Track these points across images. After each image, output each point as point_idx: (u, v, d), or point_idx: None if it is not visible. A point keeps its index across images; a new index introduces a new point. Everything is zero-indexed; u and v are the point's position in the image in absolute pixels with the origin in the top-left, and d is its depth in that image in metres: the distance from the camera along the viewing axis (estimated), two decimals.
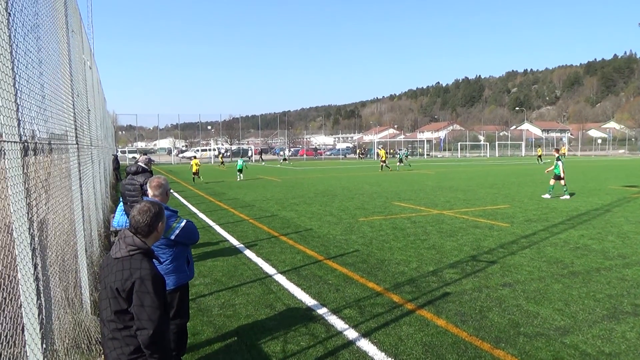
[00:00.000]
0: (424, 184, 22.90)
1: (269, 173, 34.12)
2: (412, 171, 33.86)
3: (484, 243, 9.07)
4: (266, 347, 4.59)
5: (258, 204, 15.54)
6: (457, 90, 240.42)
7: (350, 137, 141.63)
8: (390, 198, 16.75)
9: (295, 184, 24.02)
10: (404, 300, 5.85)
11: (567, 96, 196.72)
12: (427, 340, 4.68)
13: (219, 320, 5.30)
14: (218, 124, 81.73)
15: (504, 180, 24.53)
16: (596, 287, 6.30)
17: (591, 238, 9.38)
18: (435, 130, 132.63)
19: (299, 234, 10.27)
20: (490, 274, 6.95)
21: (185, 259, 4.00)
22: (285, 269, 7.38)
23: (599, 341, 4.62)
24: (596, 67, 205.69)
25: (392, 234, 10.05)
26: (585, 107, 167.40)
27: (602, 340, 4.63)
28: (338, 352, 4.47)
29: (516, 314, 5.34)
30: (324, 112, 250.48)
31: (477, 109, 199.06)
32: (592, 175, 27.36)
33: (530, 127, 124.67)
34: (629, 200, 15.31)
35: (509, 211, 13.15)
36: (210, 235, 10.34)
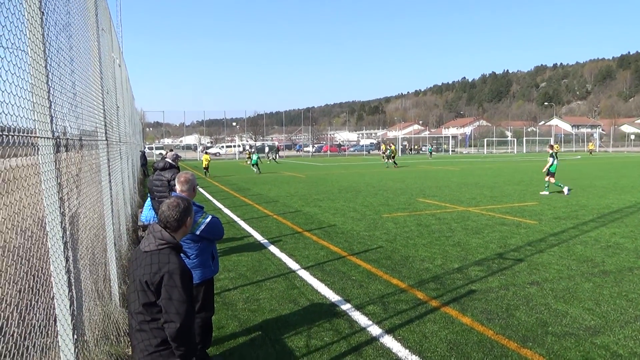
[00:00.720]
0: (449, 180, 22.62)
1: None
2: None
3: (511, 240, 8.91)
4: (290, 341, 4.62)
5: (282, 200, 15.63)
6: (484, 85, 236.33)
7: (374, 133, 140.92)
8: (414, 194, 16.61)
9: (319, 180, 24.05)
10: (429, 297, 5.80)
11: (599, 90, 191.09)
12: (452, 338, 4.63)
13: (244, 315, 5.36)
14: (243, 121, 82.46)
15: (531, 177, 24.02)
16: (629, 286, 6.13)
17: (623, 236, 9.11)
18: (461, 126, 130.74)
19: (323, 229, 10.29)
20: (517, 272, 6.83)
21: (211, 254, 4.05)
22: (309, 265, 7.41)
23: (632, 342, 4.49)
24: (630, 60, 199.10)
25: (416, 231, 9.97)
26: (617, 102, 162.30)
27: (634, 341, 4.50)
28: (361, 348, 4.46)
29: (544, 313, 5.24)
30: (347, 108, 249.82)
31: (504, 105, 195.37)
32: (625, 172, 26.55)
33: (559, 122, 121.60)
34: None
35: (536, 208, 12.88)
36: (235, 230, 10.45)
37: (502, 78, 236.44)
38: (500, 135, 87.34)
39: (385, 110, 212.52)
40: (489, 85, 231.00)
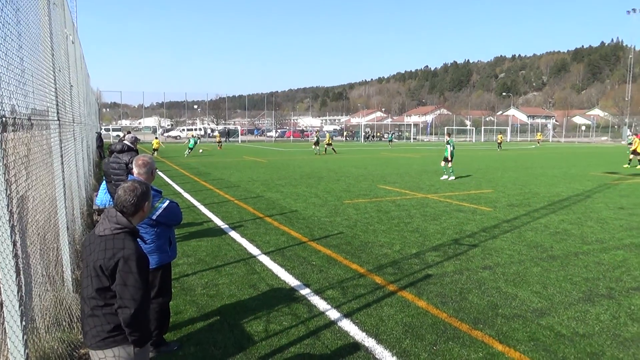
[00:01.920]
0: (410, 167, 23.03)
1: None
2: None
3: (467, 227, 9.19)
4: (248, 326, 4.64)
5: (243, 185, 15.50)
6: (446, 74, 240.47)
7: (337, 119, 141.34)
8: (375, 181, 16.83)
9: (281, 165, 23.97)
10: (386, 282, 5.92)
11: (554, 82, 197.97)
12: (407, 321, 4.76)
13: (202, 300, 5.32)
14: (204, 104, 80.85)
15: (488, 165, 24.77)
16: (573, 270, 6.45)
17: (571, 223, 9.56)
18: (423, 114, 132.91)
19: (284, 215, 10.30)
20: (471, 257, 7.07)
21: (168, 239, 3.99)
22: (269, 250, 7.41)
23: (574, 322, 4.75)
24: (583, 53, 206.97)
25: (376, 217, 10.13)
26: (570, 94, 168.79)
27: (576, 322, 4.77)
28: (320, 331, 4.53)
29: (495, 296, 5.46)
30: (311, 93, 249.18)
31: (464, 94, 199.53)
32: (575, 161, 27.77)
33: (516, 112, 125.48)
34: (609, 186, 15.60)
35: (492, 196, 13.32)
36: (195, 215, 10.31)
37: (463, 68, 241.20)
38: (460, 124, 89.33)
39: (349, 97, 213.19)
40: (451, 75, 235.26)
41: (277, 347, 4.21)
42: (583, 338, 4.41)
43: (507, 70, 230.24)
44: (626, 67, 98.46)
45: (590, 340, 4.38)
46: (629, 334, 4.50)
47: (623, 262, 6.88)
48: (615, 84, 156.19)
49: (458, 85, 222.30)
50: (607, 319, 4.84)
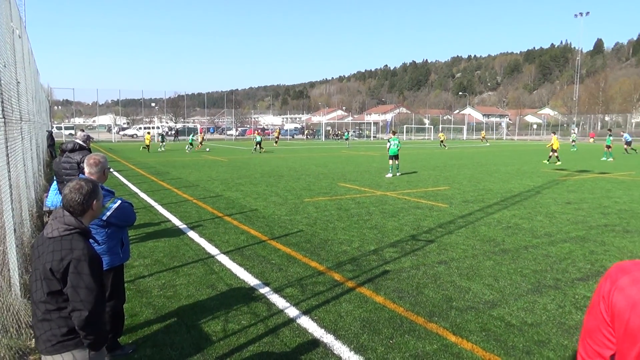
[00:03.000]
0: (370, 165, 23.32)
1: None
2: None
3: (424, 223, 9.41)
4: (206, 326, 4.60)
5: (202, 184, 15.29)
6: (405, 73, 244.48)
7: (298, 117, 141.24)
8: (336, 179, 16.96)
9: (241, 164, 23.77)
10: (345, 279, 6.00)
11: (507, 82, 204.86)
12: (365, 316, 4.85)
13: (159, 301, 5.23)
14: (162, 101, 78.98)
15: (445, 162, 25.41)
16: (523, 263, 6.73)
17: (522, 218, 9.96)
18: (383, 112, 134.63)
19: (244, 214, 10.23)
20: (428, 252, 7.25)
21: (120, 241, 3.90)
22: (228, 249, 7.35)
23: (523, 313, 4.97)
24: (534, 55, 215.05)
25: (336, 215, 10.22)
26: (523, 94, 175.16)
27: (525, 312, 4.98)
28: (279, 329, 4.55)
29: (450, 290, 5.63)
30: (272, 91, 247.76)
31: (423, 93, 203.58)
32: (527, 158, 28.88)
33: (472, 111, 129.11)
34: (558, 182, 16.32)
35: (448, 192, 13.68)
36: (152, 215, 10.10)
37: (422, 67, 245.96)
38: (419, 123, 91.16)
39: (309, 95, 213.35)
40: (410, 74, 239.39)
41: (235, 347, 4.20)
42: (531, 327, 4.62)
43: (463, 70, 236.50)
44: (574, 69, 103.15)
45: (537, 329, 4.59)
46: (573, 322, 4.75)
47: (569, 254, 7.23)
48: (564, 85, 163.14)
49: (417, 84, 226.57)
50: (553, 309, 5.09)
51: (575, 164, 24.46)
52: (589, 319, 1.50)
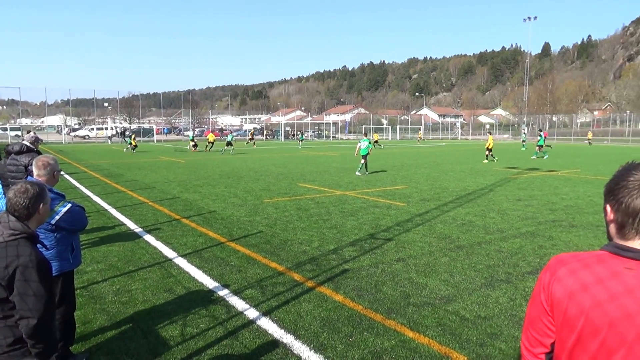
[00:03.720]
0: (329, 165, 23.46)
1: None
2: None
3: (382, 222, 9.56)
4: (164, 331, 4.51)
5: (159, 186, 14.94)
6: (363, 74, 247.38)
7: (257, 118, 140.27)
8: (295, 179, 16.96)
9: (199, 165, 23.38)
10: (305, 279, 6.02)
11: (462, 84, 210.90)
12: (325, 315, 4.88)
13: (113, 307, 5.08)
14: (116, 101, 76.59)
15: (402, 162, 25.88)
16: (477, 259, 6.96)
17: (475, 215, 10.28)
18: (342, 113, 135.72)
19: (202, 216, 10.08)
20: (386, 251, 7.37)
21: (70, 246, 3.76)
22: (186, 252, 7.23)
23: (477, 307, 5.14)
24: (487, 57, 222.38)
25: (296, 215, 10.22)
26: (476, 95, 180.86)
27: (479, 306, 5.16)
28: (238, 331, 4.51)
29: (407, 286, 5.75)
30: (230, 91, 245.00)
31: (381, 93, 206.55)
32: (481, 157, 29.80)
33: (428, 112, 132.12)
34: (509, 180, 16.96)
35: (406, 191, 13.95)
36: (106, 219, 9.78)
37: (379, 68, 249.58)
38: (377, 123, 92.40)
39: (268, 95, 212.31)
40: (368, 75, 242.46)
41: (194, 351, 4.14)
42: (484, 320, 4.79)
43: (419, 71, 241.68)
44: (524, 71, 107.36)
45: (490, 322, 4.76)
46: (523, 314, 4.93)
47: (519, 249, 7.53)
48: (514, 86, 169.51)
49: (375, 85, 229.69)
50: (505, 302, 5.29)
51: (525, 163, 25.47)
52: (531, 310, 1.58)
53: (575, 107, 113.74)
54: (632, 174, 1.41)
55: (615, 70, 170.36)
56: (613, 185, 1.45)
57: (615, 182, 1.44)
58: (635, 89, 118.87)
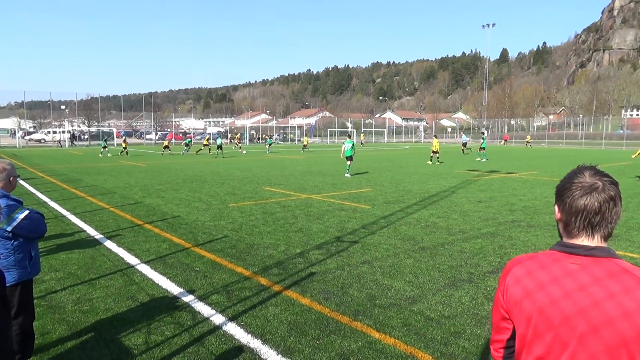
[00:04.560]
0: (294, 169, 23.46)
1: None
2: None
3: (348, 224, 9.64)
4: (127, 340, 4.40)
5: (120, 191, 14.56)
6: (327, 78, 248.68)
7: (221, 121, 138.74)
8: (261, 183, 16.88)
9: (162, 169, 22.91)
10: (272, 283, 6.00)
11: (424, 88, 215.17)
12: (292, 319, 4.88)
13: (74, 317, 4.92)
14: (73, 104, 74.14)
15: (367, 165, 26.15)
16: (441, 259, 7.12)
17: (439, 217, 10.51)
18: (307, 116, 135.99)
19: (166, 221, 9.89)
20: (352, 253, 7.44)
21: (28, 254, 3.62)
22: (149, 259, 7.07)
23: (441, 306, 5.25)
24: (448, 62, 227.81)
25: (261, 219, 10.18)
26: (438, 99, 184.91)
27: (443, 306, 5.28)
28: (204, 338, 4.45)
29: (373, 288, 5.82)
30: (194, 94, 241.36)
31: (345, 97, 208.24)
32: (442, 160, 30.47)
33: (392, 115, 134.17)
34: (470, 182, 17.42)
35: (371, 194, 14.12)
36: (64, 225, 9.46)
37: (344, 72, 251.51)
38: (342, 126, 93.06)
39: (232, 99, 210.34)
40: (332, 78, 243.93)
41: (158, 359, 4.06)
42: (448, 319, 4.90)
43: (383, 75, 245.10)
44: (483, 76, 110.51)
45: (454, 321, 4.88)
46: (485, 312, 5.10)
47: (481, 249, 7.75)
48: (475, 91, 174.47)
49: (339, 89, 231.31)
50: (467, 301, 5.43)
51: (485, 165, 26.20)
52: (494, 310, 1.67)
53: (532, 111, 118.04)
54: (577, 176, 1.51)
55: (569, 76, 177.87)
56: (560, 187, 1.55)
57: (563, 184, 1.54)
58: (587, 94, 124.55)
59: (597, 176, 1.49)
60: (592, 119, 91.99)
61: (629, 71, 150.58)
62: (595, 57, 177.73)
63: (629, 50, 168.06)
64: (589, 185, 1.47)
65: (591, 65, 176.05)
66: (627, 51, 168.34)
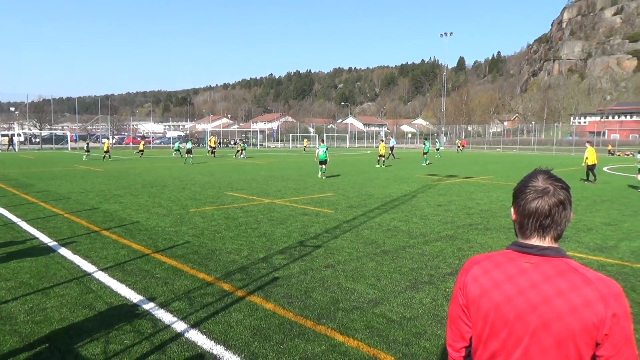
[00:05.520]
0: (257, 173, 23.32)
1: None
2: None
3: (311, 229, 9.67)
4: (84, 350, 4.26)
5: (75, 197, 14.06)
6: (290, 82, 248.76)
7: (182, 125, 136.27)
8: (222, 188, 16.69)
9: (120, 174, 22.28)
10: (235, 288, 5.95)
11: (385, 94, 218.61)
12: (255, 324, 4.86)
13: (26, 328, 4.72)
14: (24, 106, 71.04)
15: (329, 170, 26.30)
16: (402, 262, 7.25)
17: (400, 220, 10.70)
18: (269, 121, 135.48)
19: (124, 227, 9.62)
20: (315, 257, 7.47)
21: None
22: (107, 266, 6.87)
23: (402, 308, 5.35)
24: (408, 69, 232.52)
25: (224, 224, 10.07)
26: (399, 105, 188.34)
27: (404, 307, 5.38)
28: (165, 345, 4.37)
29: (336, 292, 5.86)
30: (152, 97, 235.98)
31: (307, 102, 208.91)
32: (403, 165, 31.05)
33: (354, 121, 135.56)
34: (430, 187, 17.82)
35: (333, 199, 14.21)
36: (15, 233, 9.05)
37: (306, 77, 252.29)
38: (304, 131, 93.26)
39: (193, 102, 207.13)
40: (294, 83, 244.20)
41: None
42: (409, 321, 5.00)
43: (345, 81, 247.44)
44: (442, 83, 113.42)
45: (415, 322, 4.98)
46: (445, 313, 5.24)
47: (440, 252, 7.94)
48: (434, 97, 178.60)
49: (301, 93, 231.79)
50: (428, 302, 5.56)
51: (444, 170, 26.86)
52: (451, 308, 1.73)
53: (488, 117, 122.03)
54: (531, 180, 1.60)
55: (522, 84, 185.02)
56: (516, 190, 1.64)
57: (519, 187, 1.63)
58: (539, 102, 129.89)
59: (549, 180, 1.57)
60: (544, 125, 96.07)
61: (577, 80, 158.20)
62: (546, 67, 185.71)
63: (577, 60, 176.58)
64: (541, 189, 1.56)
65: (542, 74, 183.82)
66: (575, 61, 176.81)
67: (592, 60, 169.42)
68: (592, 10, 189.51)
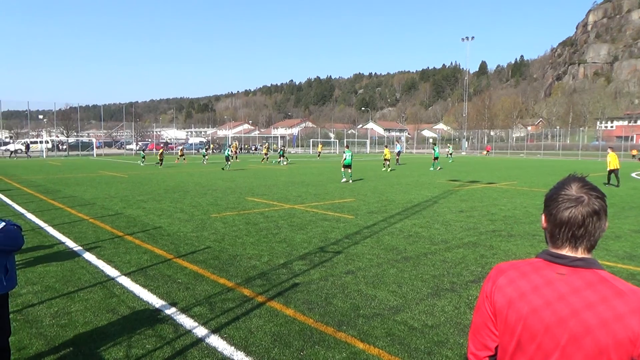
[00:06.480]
0: (277, 179, 23.41)
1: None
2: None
3: (331, 235, 9.64)
4: (107, 354, 4.31)
5: (100, 202, 14.33)
6: (310, 88, 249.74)
7: (203, 131, 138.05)
8: (243, 194, 16.80)
9: (143, 180, 22.64)
10: (255, 294, 5.96)
11: (406, 99, 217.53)
12: (276, 330, 4.85)
13: (52, 331, 4.81)
14: (52, 114, 72.98)
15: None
16: (424, 269, 7.16)
17: (421, 226, 10.59)
18: (289, 126, 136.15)
19: (147, 232, 9.76)
20: (335, 263, 7.43)
21: (3, 268, 3.53)
22: (130, 271, 6.96)
23: (424, 316, 5.28)
24: (429, 74, 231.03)
25: (244, 229, 10.11)
26: (420, 110, 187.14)
27: (426, 315, 5.30)
28: (186, 350, 4.39)
29: (357, 298, 5.82)
30: (175, 104, 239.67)
31: (328, 108, 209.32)
32: (424, 171, 30.79)
33: (374, 126, 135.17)
34: (452, 192, 17.60)
35: (354, 204, 14.15)
36: (42, 237, 9.26)
37: (326, 83, 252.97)
38: (325, 137, 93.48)
39: (215, 109, 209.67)
40: (315, 89, 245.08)
41: None
42: (431, 329, 4.93)
43: (365, 86, 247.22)
44: (463, 87, 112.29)
45: (437, 330, 4.90)
46: (468, 322, 5.14)
47: (463, 259, 7.82)
48: (455, 102, 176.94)
49: (322, 99, 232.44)
50: (450, 310, 5.47)
51: (466, 175, 26.54)
52: (476, 317, 1.67)
53: (511, 122, 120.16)
54: (564, 188, 1.52)
55: (546, 89, 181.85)
56: (548, 197, 1.57)
57: (550, 194, 1.56)
58: (564, 106, 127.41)
59: (584, 189, 1.49)
60: (569, 130, 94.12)
61: (603, 84, 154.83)
62: (570, 70, 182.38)
63: (603, 64, 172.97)
64: (574, 198, 1.48)
65: (567, 78, 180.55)
66: (601, 65, 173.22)
67: (619, 64, 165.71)
68: (618, 13, 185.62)
